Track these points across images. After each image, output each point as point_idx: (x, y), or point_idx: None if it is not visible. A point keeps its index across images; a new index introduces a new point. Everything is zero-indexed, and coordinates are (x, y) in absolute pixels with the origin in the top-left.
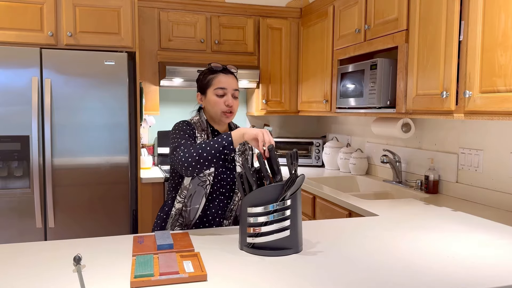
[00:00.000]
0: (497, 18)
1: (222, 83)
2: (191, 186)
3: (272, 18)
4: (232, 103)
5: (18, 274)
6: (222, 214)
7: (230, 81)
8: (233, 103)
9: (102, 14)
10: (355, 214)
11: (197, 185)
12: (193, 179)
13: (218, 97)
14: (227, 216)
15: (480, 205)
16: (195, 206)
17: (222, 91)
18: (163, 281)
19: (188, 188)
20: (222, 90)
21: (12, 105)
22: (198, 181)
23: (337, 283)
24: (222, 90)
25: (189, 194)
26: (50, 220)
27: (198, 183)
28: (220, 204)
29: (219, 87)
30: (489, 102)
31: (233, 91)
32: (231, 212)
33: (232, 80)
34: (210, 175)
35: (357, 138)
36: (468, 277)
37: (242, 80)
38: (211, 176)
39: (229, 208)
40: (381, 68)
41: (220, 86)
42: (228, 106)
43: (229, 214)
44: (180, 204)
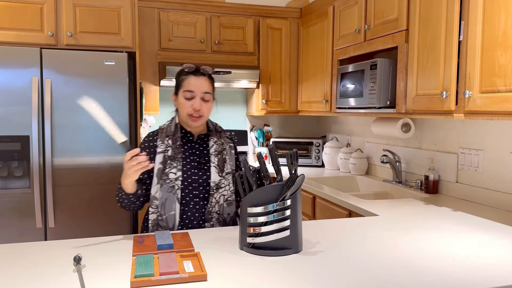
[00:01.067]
0: (497, 18)
1: (191, 85)
2: (161, 194)
3: (272, 18)
4: (200, 107)
5: (18, 274)
6: (200, 217)
7: (200, 83)
8: (201, 106)
9: (102, 14)
10: (355, 214)
11: (166, 192)
12: (161, 187)
13: (186, 100)
14: (207, 219)
15: (480, 205)
16: (171, 213)
17: (190, 94)
18: (163, 281)
19: (158, 197)
20: (190, 93)
21: (12, 105)
22: (166, 187)
23: (337, 283)
24: (190, 93)
25: (160, 202)
26: (50, 220)
27: (166, 190)
28: (196, 206)
29: (187, 89)
30: (489, 102)
31: (203, 94)
32: (211, 214)
33: (203, 82)
34: (177, 179)
35: (357, 138)
36: (468, 277)
37: (242, 80)
38: (178, 180)
39: (208, 210)
40: (381, 68)
41: (188, 88)
42: (195, 110)
43: (209, 217)
44: (155, 214)
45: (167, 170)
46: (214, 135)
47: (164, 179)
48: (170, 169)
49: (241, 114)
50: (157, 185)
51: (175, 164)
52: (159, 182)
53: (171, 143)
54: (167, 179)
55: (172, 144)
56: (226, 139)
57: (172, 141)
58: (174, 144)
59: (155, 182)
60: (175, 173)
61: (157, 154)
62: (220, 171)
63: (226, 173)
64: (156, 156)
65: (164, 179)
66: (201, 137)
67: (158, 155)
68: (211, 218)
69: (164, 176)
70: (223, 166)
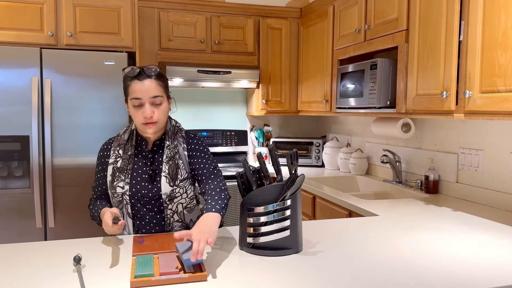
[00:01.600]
0: (497, 18)
1: (136, 92)
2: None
3: (272, 18)
4: (151, 113)
5: (18, 274)
6: (161, 230)
7: (146, 88)
8: (152, 113)
9: (102, 14)
10: (355, 214)
11: (116, 206)
12: (112, 199)
13: (135, 108)
14: (166, 230)
15: (480, 205)
16: None
17: (138, 102)
18: (163, 281)
19: None
20: (138, 100)
21: (12, 105)
22: (114, 201)
23: (337, 283)
24: (138, 100)
25: None
26: (50, 220)
27: (115, 204)
28: (154, 220)
29: (134, 97)
30: (489, 102)
31: (151, 99)
32: (171, 225)
33: (149, 86)
34: (125, 194)
35: (357, 138)
36: (468, 277)
37: (242, 80)
38: (125, 195)
39: (167, 222)
40: (381, 68)
41: (134, 96)
42: (146, 118)
43: (169, 228)
44: None
45: (115, 183)
46: (169, 139)
47: (112, 193)
48: (118, 182)
49: (241, 114)
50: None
51: (122, 176)
52: (110, 195)
53: (122, 153)
54: (115, 192)
55: (122, 154)
56: (180, 140)
57: (123, 151)
58: (125, 154)
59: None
60: (122, 186)
61: (108, 165)
62: (171, 180)
63: (180, 180)
64: (108, 168)
65: (112, 193)
66: (156, 143)
67: (109, 166)
68: (172, 228)
69: (113, 190)
70: (176, 173)
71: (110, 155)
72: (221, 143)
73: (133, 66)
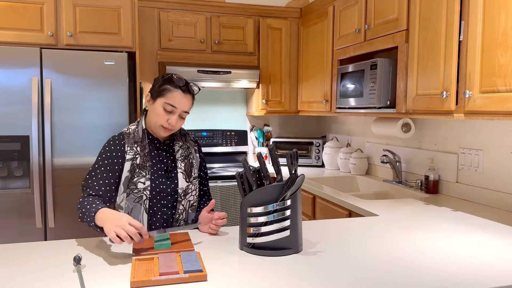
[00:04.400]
0: (497, 18)
1: (175, 101)
2: (127, 203)
3: (272, 18)
4: (176, 123)
5: (18, 274)
6: (167, 226)
7: (185, 102)
8: (177, 123)
9: (102, 14)
10: (355, 214)
11: (133, 202)
12: (127, 196)
13: (164, 112)
14: (174, 226)
15: (480, 205)
16: None
17: (172, 108)
18: (163, 281)
19: (123, 206)
20: (172, 107)
21: (12, 105)
22: (133, 197)
23: (337, 283)
24: (172, 107)
25: (126, 212)
26: (50, 220)
27: (133, 200)
28: (164, 216)
29: (170, 103)
30: (489, 102)
31: (182, 112)
32: (178, 222)
33: (187, 101)
34: (146, 189)
35: (357, 138)
36: (468, 277)
37: (242, 80)
38: (147, 190)
39: (175, 218)
40: (381, 68)
41: (172, 103)
42: (171, 124)
43: (175, 224)
44: None
45: (135, 179)
46: (179, 140)
47: (131, 189)
48: (139, 178)
49: (241, 114)
50: (123, 193)
51: (143, 173)
52: (125, 191)
53: (140, 150)
54: (134, 188)
55: (140, 151)
56: (191, 142)
57: (141, 148)
58: (143, 151)
59: (121, 191)
60: (143, 182)
61: (126, 161)
62: (187, 176)
63: (193, 177)
64: (125, 164)
65: (131, 189)
66: (166, 142)
67: (126, 162)
68: (178, 225)
69: (132, 186)
70: (190, 171)
71: (126, 151)
72: (221, 143)
73: (182, 77)
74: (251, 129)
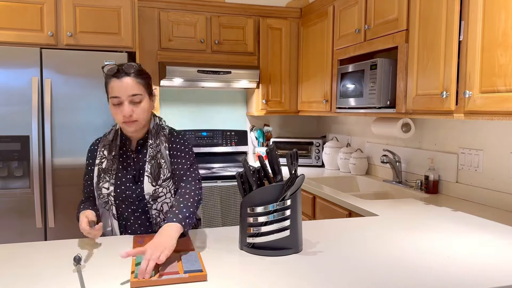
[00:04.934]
0: (497, 18)
1: (115, 90)
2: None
3: (272, 18)
4: (130, 112)
5: (18, 274)
6: (146, 232)
7: (125, 86)
8: (133, 111)
9: (102, 14)
10: (355, 214)
11: (101, 207)
12: (98, 200)
13: (115, 107)
14: (155, 230)
15: (480, 205)
16: (108, 229)
17: (117, 100)
18: (163, 281)
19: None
20: (116, 99)
21: (12, 105)
22: (100, 202)
23: (337, 283)
24: (116, 99)
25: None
26: (50, 220)
27: (101, 205)
28: (138, 221)
29: (112, 95)
30: (489, 102)
31: (130, 97)
32: (159, 225)
33: (128, 84)
34: (110, 195)
35: (357, 138)
36: (468, 277)
37: (242, 80)
38: (111, 196)
39: (153, 222)
40: (381, 68)
41: (113, 94)
42: (125, 116)
43: (157, 228)
44: None
45: (101, 184)
46: (152, 138)
47: (98, 194)
48: (103, 183)
49: (241, 114)
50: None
51: (107, 177)
52: (96, 196)
53: (107, 154)
54: (100, 193)
55: (107, 155)
56: (162, 139)
57: (108, 152)
58: (110, 154)
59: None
60: (107, 187)
61: (94, 166)
62: (154, 180)
63: (163, 180)
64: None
65: (98, 194)
66: (140, 142)
67: (95, 167)
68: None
69: (98, 191)
70: (158, 173)
71: (96, 155)
72: (221, 143)
73: (113, 64)
74: (251, 129)
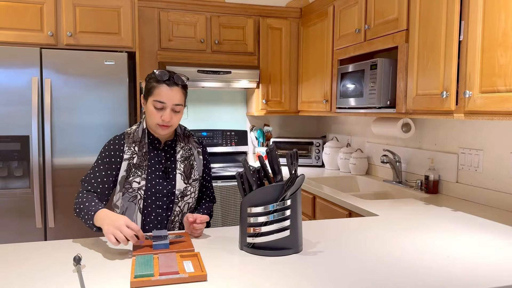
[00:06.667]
0: (497, 18)
1: (162, 96)
2: (122, 203)
3: (272, 18)
4: (169, 118)
5: (18, 274)
6: (162, 228)
7: (173, 95)
8: (171, 118)
9: (102, 14)
10: (355, 214)
11: (127, 201)
12: (123, 195)
13: (156, 110)
14: (169, 228)
15: (480, 205)
16: None
17: (161, 105)
18: (163, 281)
19: (119, 205)
20: (161, 103)
21: (12, 105)
22: (128, 196)
23: (337, 283)
24: (161, 103)
25: (121, 211)
26: (50, 220)
27: (128, 199)
28: (158, 218)
29: (158, 100)
30: (489, 102)
31: (174, 106)
32: (173, 224)
33: (176, 93)
34: (141, 189)
35: (357, 138)
36: (468, 277)
37: (242, 80)
38: (141, 190)
39: (170, 219)
40: (381, 68)
41: (159, 99)
42: (164, 121)
43: (171, 226)
44: None
45: (131, 179)
46: (181, 141)
47: (126, 188)
48: (134, 177)
49: (241, 114)
50: (119, 193)
51: (139, 172)
52: (121, 190)
53: (137, 150)
54: (129, 187)
55: (138, 151)
56: (194, 144)
57: (139, 148)
58: (140, 151)
59: (118, 190)
60: (138, 182)
61: (123, 161)
62: (186, 178)
63: (193, 180)
64: (122, 163)
65: (126, 188)
66: (168, 143)
67: (124, 162)
68: (173, 227)
69: (127, 185)
70: (190, 172)
71: (124, 151)
72: (221, 143)
73: (164, 70)
74: (251, 129)
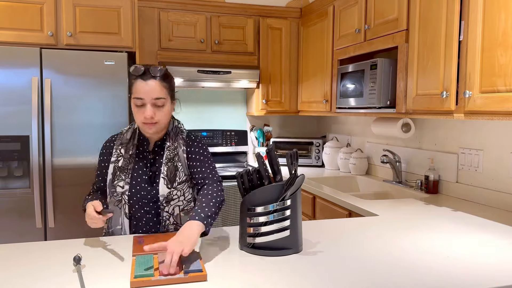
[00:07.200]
0: (497, 18)
1: (140, 92)
2: (110, 206)
3: (272, 18)
4: (152, 114)
5: (18, 274)
6: (156, 231)
7: (149, 89)
8: (154, 114)
9: (102, 14)
10: (355, 214)
11: (113, 205)
12: (110, 199)
13: (137, 107)
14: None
15: (480, 205)
16: (117, 227)
17: (140, 101)
18: (163, 281)
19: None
20: (140, 100)
21: (12, 105)
22: (113, 200)
23: (337, 283)
24: (140, 100)
25: None
26: (50, 220)
27: (114, 203)
28: (150, 223)
29: (136, 96)
30: (489, 102)
31: (154, 100)
32: (166, 227)
33: (153, 87)
34: (124, 193)
35: (357, 138)
36: (468, 277)
37: (242, 80)
38: (125, 195)
39: (162, 225)
40: (381, 68)
41: (137, 95)
42: (147, 118)
43: (164, 230)
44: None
45: (115, 182)
46: (169, 140)
47: (112, 192)
48: (118, 181)
49: (241, 114)
50: (108, 195)
51: (123, 176)
52: (109, 194)
53: (123, 152)
54: (114, 191)
55: (124, 153)
56: (180, 142)
57: (125, 150)
58: (127, 153)
59: (107, 193)
60: (122, 186)
61: (110, 163)
62: (169, 182)
63: (178, 183)
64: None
65: (112, 192)
66: (157, 144)
67: (110, 164)
68: (167, 230)
69: (112, 188)
70: (174, 175)
71: (112, 153)
72: (221, 143)
73: (139, 65)
74: (251, 129)
